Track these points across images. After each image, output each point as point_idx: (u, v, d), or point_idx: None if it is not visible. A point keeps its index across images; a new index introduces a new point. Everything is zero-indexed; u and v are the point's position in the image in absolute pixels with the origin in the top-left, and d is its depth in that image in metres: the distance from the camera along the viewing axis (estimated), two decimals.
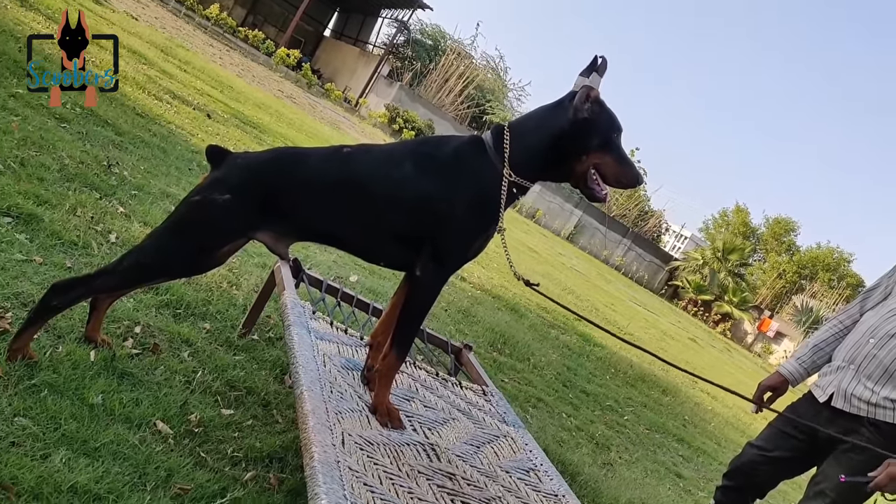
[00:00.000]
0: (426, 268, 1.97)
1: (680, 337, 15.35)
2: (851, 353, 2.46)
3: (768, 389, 2.74)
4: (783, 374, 2.72)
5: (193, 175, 4.62)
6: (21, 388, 1.77)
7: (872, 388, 2.35)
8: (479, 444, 2.20)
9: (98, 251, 2.77)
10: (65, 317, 2.14)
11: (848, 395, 2.40)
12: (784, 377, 2.71)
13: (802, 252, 47.20)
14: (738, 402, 9.77)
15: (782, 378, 2.71)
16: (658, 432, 5.36)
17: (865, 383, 2.37)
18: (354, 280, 4.51)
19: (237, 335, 2.78)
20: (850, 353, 2.47)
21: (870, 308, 2.59)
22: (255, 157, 2.05)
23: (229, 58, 16.09)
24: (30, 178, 3.01)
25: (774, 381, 2.73)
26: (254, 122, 8.51)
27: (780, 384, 2.72)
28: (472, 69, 27.83)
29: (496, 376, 4.30)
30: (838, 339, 2.63)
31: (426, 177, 1.94)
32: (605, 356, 7.01)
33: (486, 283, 7.20)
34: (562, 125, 1.94)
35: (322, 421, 1.72)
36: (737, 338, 29.81)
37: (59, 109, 4.15)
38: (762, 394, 2.75)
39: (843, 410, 2.40)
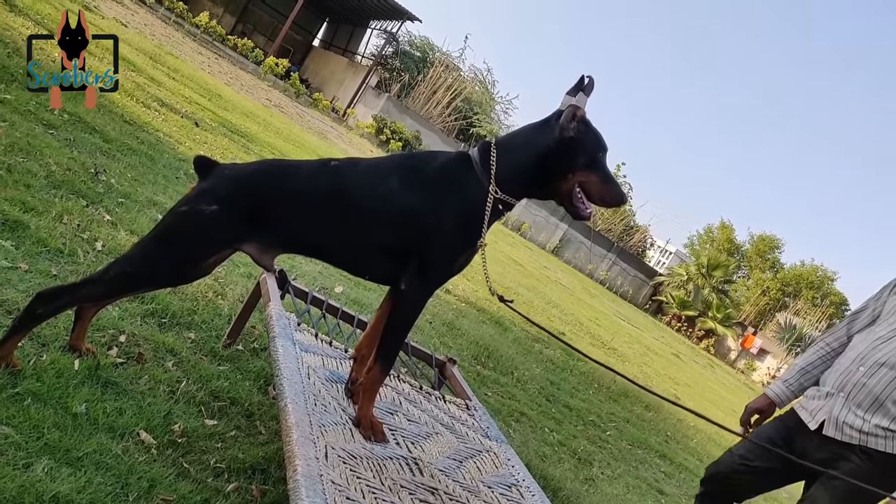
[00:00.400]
0: (411, 282, 1.99)
1: (663, 352, 15.44)
2: (841, 381, 2.45)
3: (756, 412, 2.75)
4: (770, 397, 2.72)
5: (181, 183, 4.62)
6: (4, 396, 1.77)
7: (863, 416, 2.34)
8: (462, 458, 2.22)
9: (84, 259, 2.76)
10: (49, 325, 2.14)
11: (840, 424, 2.38)
12: (771, 399, 2.71)
13: (786, 269, 47.74)
14: (720, 418, 9.84)
15: (769, 400, 2.72)
16: (640, 448, 5.39)
17: (856, 412, 2.36)
18: (339, 291, 4.51)
19: (222, 345, 2.78)
20: (840, 380, 2.46)
21: (857, 331, 2.58)
22: (243, 168, 2.06)
23: (218, 66, 16.08)
24: (16, 185, 3.00)
25: (761, 404, 2.74)
26: (241, 131, 8.50)
27: (767, 406, 2.72)
28: (459, 81, 28.00)
29: (480, 390, 4.31)
30: (826, 361, 2.63)
31: (412, 191, 1.96)
32: (588, 371, 7.04)
33: (471, 296, 7.23)
34: (548, 143, 1.98)
35: (306, 434, 1.73)
36: (720, 354, 30.01)
37: (46, 116, 4.15)
38: (749, 416, 2.75)
39: (835, 439, 2.40)
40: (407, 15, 24.73)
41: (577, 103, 1.97)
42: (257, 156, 7.54)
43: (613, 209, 31.55)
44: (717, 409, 10.91)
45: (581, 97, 1.98)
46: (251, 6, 30.63)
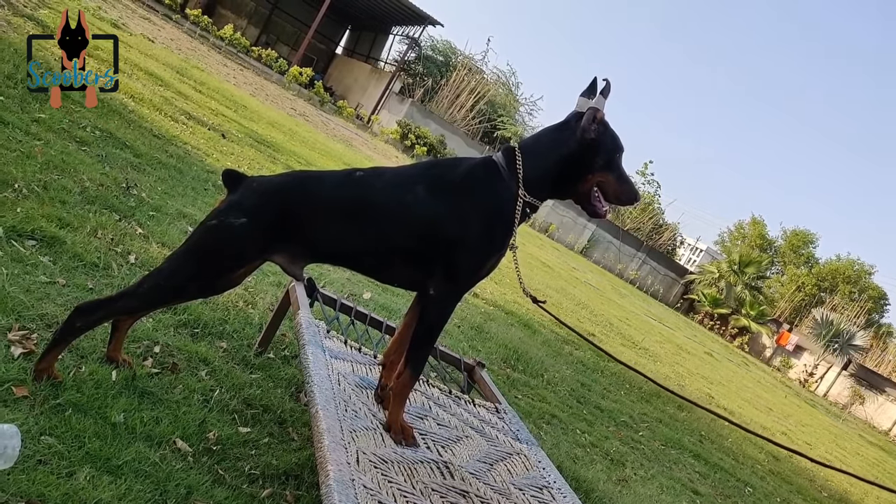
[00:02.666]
0: (440, 287, 2.01)
1: (696, 351, 15.25)
2: None
3: None
4: None
5: (209, 195, 4.71)
6: (47, 407, 1.83)
7: None
8: (493, 461, 2.23)
9: (118, 272, 2.83)
10: (87, 337, 2.20)
11: None
12: None
13: (822, 264, 46.84)
14: (755, 417, 9.68)
15: None
16: (674, 448, 5.33)
17: None
18: (368, 297, 4.55)
19: (253, 353, 2.83)
20: None
21: None
22: (270, 180, 2.10)
23: (243, 77, 16.32)
24: (52, 202, 3.09)
25: None
26: (268, 141, 8.63)
27: None
28: (483, 84, 28.00)
29: (509, 392, 4.31)
30: None
31: (439, 199, 1.98)
32: (619, 371, 6.99)
33: (499, 299, 7.22)
34: (570, 145, 2.02)
35: (337, 439, 1.75)
36: (754, 352, 29.52)
37: (80, 133, 4.26)
38: None
39: None
40: (428, 20, 24.82)
41: (596, 105, 2.00)
42: (284, 165, 7.64)
43: (642, 206, 31.42)
44: (753, 408, 10.74)
45: (600, 99, 2.02)
46: (274, 17, 31.02)
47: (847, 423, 20.00)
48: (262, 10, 30.58)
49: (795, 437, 9.92)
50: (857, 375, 26.84)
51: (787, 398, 16.78)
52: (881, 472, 11.67)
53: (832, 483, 7.59)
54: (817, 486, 6.95)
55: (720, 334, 29.01)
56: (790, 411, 13.76)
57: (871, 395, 25.90)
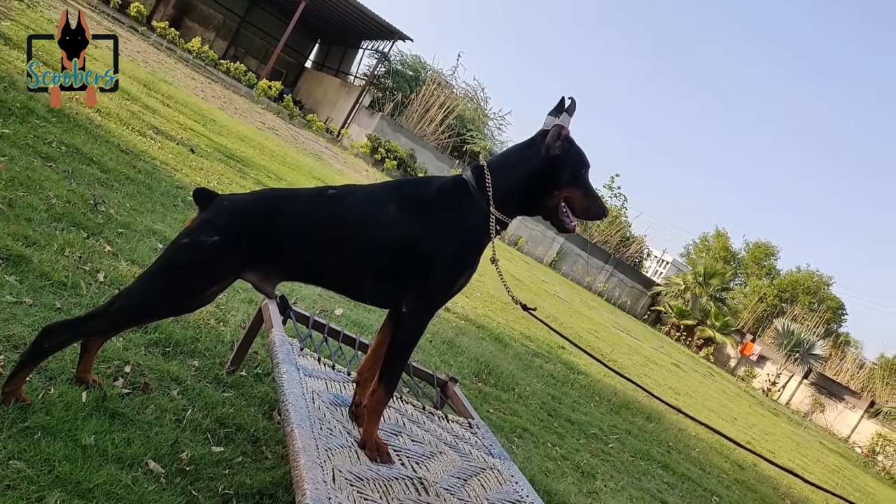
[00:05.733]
0: (412, 305, 2.04)
1: (663, 362, 15.45)
2: None
3: None
4: None
5: (179, 211, 4.67)
6: (15, 430, 1.80)
7: None
8: (466, 476, 2.25)
9: (87, 291, 2.80)
10: (56, 358, 2.17)
11: None
12: None
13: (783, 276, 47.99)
14: (721, 427, 9.84)
15: None
16: (643, 459, 5.41)
17: None
18: (339, 314, 4.55)
19: (225, 372, 2.82)
20: None
21: None
22: (242, 198, 2.10)
23: (211, 90, 16.19)
24: (18, 220, 3.04)
25: None
26: (237, 156, 8.57)
27: None
28: (452, 99, 28.16)
29: (481, 406, 4.34)
30: None
31: (410, 217, 2.01)
32: (588, 384, 7.07)
33: (471, 314, 7.26)
34: (536, 163, 2.08)
35: (313, 458, 1.76)
36: (720, 362, 29.99)
37: (45, 148, 4.20)
38: None
39: None
40: (398, 34, 24.94)
41: (561, 123, 2.06)
42: (253, 180, 7.60)
43: (609, 219, 31.84)
44: (719, 418, 10.92)
45: (564, 117, 2.09)
46: (243, 30, 30.88)
47: (808, 430, 20.42)
48: (231, 22, 30.42)
49: (759, 446, 10.09)
50: (817, 384, 27.43)
51: (752, 407, 17.07)
52: (841, 479, 11.95)
53: (795, 490, 7.75)
54: (780, 494, 7.10)
55: (686, 345, 29.42)
56: (754, 420, 14.01)
57: (831, 402, 26.49)
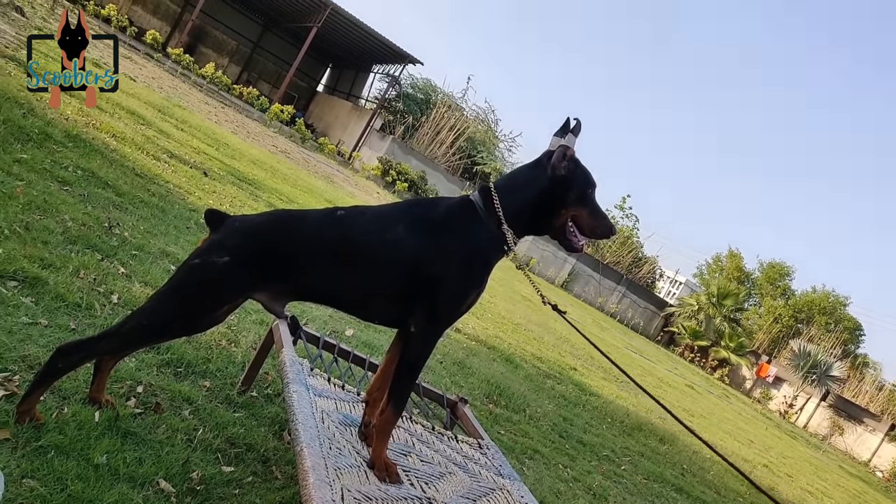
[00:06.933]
0: (420, 324, 2.05)
1: (677, 384, 15.31)
2: None
3: None
4: None
5: (191, 233, 4.72)
6: (28, 449, 1.82)
7: None
8: (476, 497, 2.24)
9: (101, 312, 2.84)
10: (69, 378, 2.20)
11: None
12: None
13: (798, 296, 47.53)
14: (737, 450, 9.71)
15: None
16: (656, 482, 5.34)
17: None
18: (350, 334, 4.56)
19: (236, 392, 2.83)
20: None
21: None
22: (252, 219, 2.13)
23: (224, 115, 16.41)
24: (34, 242, 3.09)
25: None
26: (249, 179, 8.66)
27: None
28: (462, 121, 28.38)
29: (492, 428, 4.32)
30: None
31: (419, 238, 2.03)
32: (601, 405, 7.01)
33: (481, 334, 7.25)
34: (542, 183, 2.10)
35: (322, 477, 1.77)
36: (735, 384, 29.66)
37: (61, 173, 4.27)
38: None
39: None
40: (408, 58, 25.24)
41: (567, 143, 2.08)
42: (266, 202, 7.67)
43: (622, 240, 31.79)
44: (735, 441, 10.77)
45: (570, 137, 2.11)
46: (255, 55, 31.35)
47: (827, 454, 20.07)
48: (244, 48, 30.92)
49: (777, 470, 9.94)
50: (835, 406, 27.03)
51: (768, 430, 16.84)
52: None
53: None
54: None
55: (701, 367, 29.15)
56: (771, 443, 13.81)
57: (850, 425, 26.07)
